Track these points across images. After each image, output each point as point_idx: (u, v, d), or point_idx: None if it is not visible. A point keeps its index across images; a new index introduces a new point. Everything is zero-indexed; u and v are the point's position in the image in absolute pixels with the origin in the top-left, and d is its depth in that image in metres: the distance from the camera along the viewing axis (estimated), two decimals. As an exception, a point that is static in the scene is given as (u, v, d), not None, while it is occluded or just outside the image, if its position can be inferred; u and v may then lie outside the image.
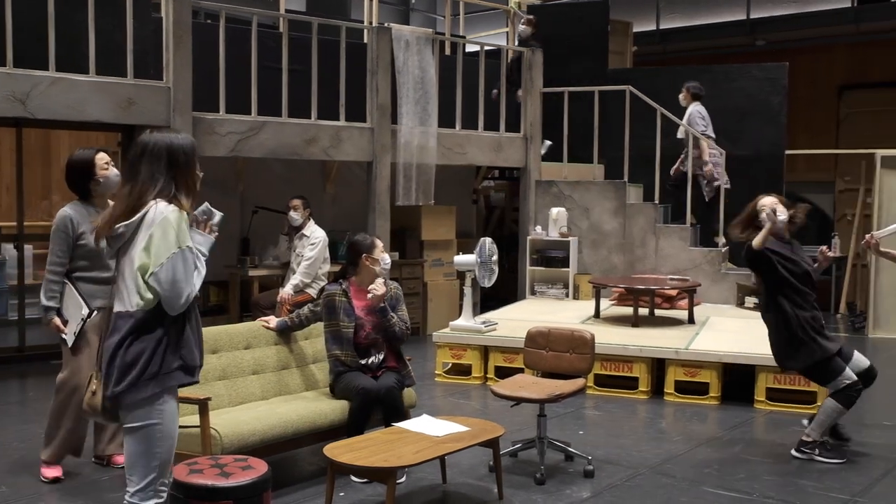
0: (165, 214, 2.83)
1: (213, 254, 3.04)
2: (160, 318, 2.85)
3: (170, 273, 2.80)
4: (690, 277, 8.48)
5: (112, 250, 2.95)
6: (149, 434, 2.85)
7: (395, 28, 8.48)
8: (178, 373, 2.89)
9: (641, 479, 4.69)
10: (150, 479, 2.86)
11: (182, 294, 2.82)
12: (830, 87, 13.51)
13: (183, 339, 2.91)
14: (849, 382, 4.92)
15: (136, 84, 6.67)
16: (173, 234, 2.82)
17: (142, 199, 2.87)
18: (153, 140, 2.95)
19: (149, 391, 2.82)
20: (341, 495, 4.35)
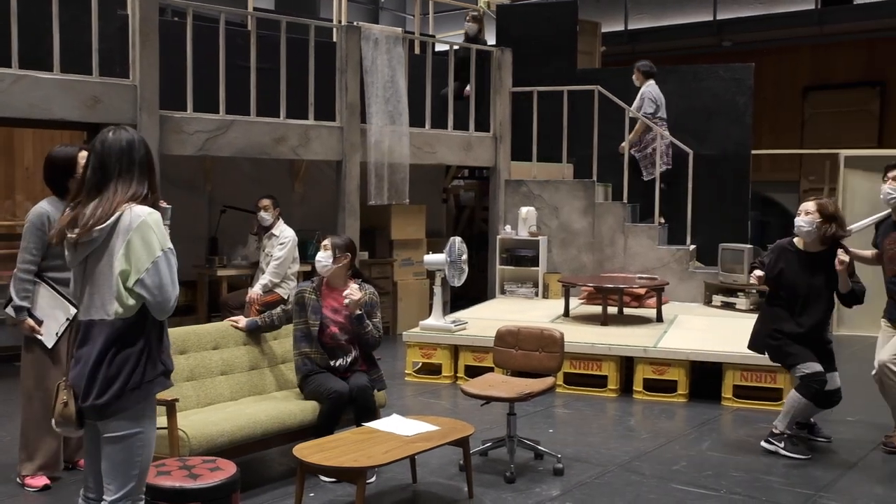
0: (143, 218, 2.75)
1: (181, 254, 2.99)
2: (140, 326, 2.78)
3: (156, 278, 2.73)
4: (658, 276, 8.56)
5: (79, 256, 2.83)
6: (131, 443, 2.79)
7: (364, 27, 8.46)
8: (161, 379, 2.84)
9: (610, 476, 4.72)
10: (130, 489, 2.81)
11: (170, 298, 2.76)
12: (795, 87, 13.73)
13: (162, 345, 2.86)
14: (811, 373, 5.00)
15: (101, 82, 6.59)
16: (154, 237, 2.75)
17: (116, 203, 2.78)
18: (121, 139, 2.87)
19: (133, 402, 2.76)
20: (311, 496, 4.33)
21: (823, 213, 5.02)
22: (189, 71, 7.07)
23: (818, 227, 5.02)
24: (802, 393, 5.04)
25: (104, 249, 2.79)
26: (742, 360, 6.11)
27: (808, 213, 5.04)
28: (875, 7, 12.14)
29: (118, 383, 2.73)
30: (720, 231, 9.11)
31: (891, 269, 5.16)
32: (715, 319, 7.76)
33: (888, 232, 5.22)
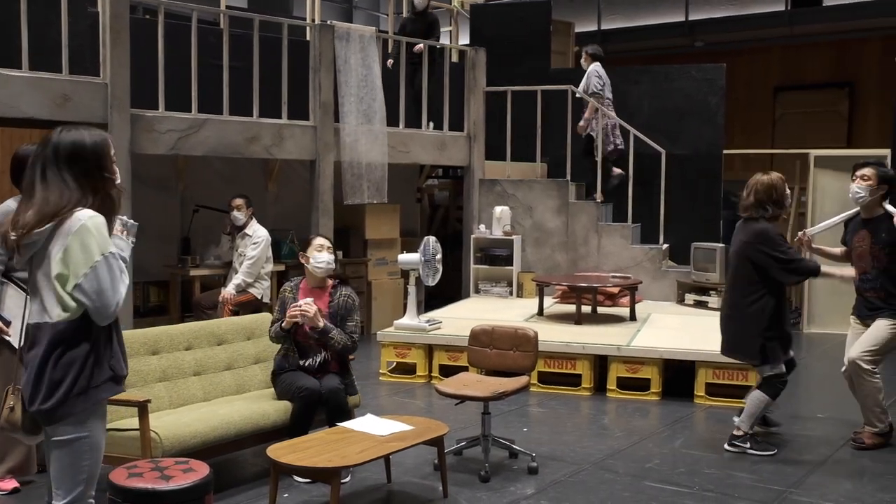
0: (83, 221, 2.68)
1: (153, 254, 2.95)
2: (86, 329, 2.72)
3: (94, 283, 2.67)
4: (632, 275, 8.61)
5: (23, 258, 2.78)
6: (77, 448, 2.74)
7: (337, 26, 8.43)
8: (109, 384, 2.77)
9: (585, 474, 4.75)
10: (78, 493, 2.77)
11: (111, 303, 2.70)
12: (766, 88, 13.87)
13: (111, 350, 2.79)
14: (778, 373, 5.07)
15: (71, 80, 6.50)
16: (93, 241, 2.68)
17: (57, 208, 2.70)
18: (66, 139, 2.77)
19: (78, 407, 2.70)
20: (285, 496, 4.31)
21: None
22: (161, 69, 7.00)
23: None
24: (767, 392, 5.10)
25: (45, 252, 2.73)
26: (714, 358, 6.15)
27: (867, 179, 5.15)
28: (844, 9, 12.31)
29: (63, 388, 2.68)
30: (693, 230, 9.19)
31: (860, 266, 5.24)
32: (688, 318, 7.82)
33: (857, 230, 5.29)
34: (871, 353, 5.11)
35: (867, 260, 5.21)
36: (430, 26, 9.52)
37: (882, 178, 5.14)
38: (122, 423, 4.12)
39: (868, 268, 5.20)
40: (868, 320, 5.22)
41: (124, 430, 4.07)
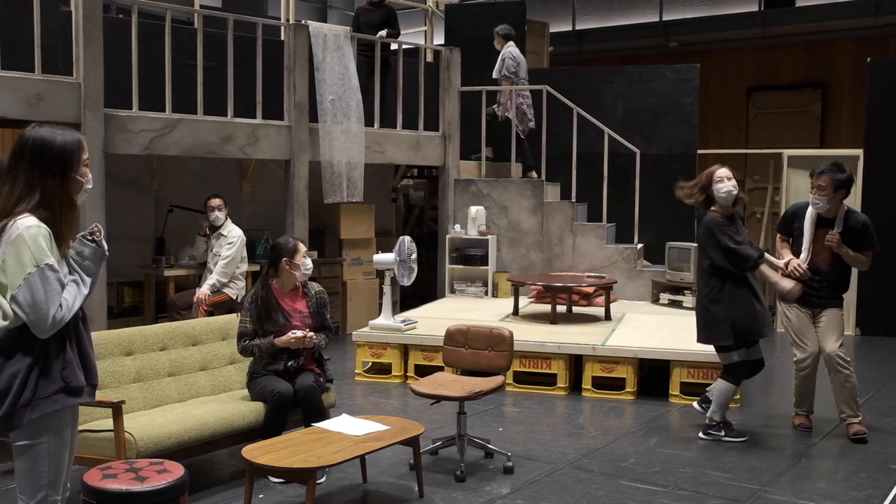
0: (20, 231, 2.62)
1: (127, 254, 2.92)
2: (30, 339, 2.66)
3: (28, 295, 2.60)
4: (607, 275, 8.67)
5: None
6: (35, 454, 2.72)
7: (312, 25, 8.41)
8: (59, 396, 2.70)
9: (560, 474, 4.77)
10: (40, 498, 2.75)
11: (46, 316, 2.61)
12: (740, 88, 13.99)
13: (63, 359, 2.72)
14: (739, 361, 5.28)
15: (44, 79, 6.44)
16: (27, 252, 2.60)
17: (8, 209, 2.65)
18: (31, 137, 2.71)
19: (24, 418, 2.65)
20: (260, 497, 4.31)
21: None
22: (134, 69, 6.95)
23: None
24: (729, 380, 5.29)
25: None
26: (689, 357, 6.22)
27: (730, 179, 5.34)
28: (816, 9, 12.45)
29: (8, 400, 2.64)
30: (667, 230, 9.27)
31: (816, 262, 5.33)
32: (662, 317, 7.88)
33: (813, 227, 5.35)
34: (841, 343, 5.26)
35: (825, 257, 5.33)
36: (386, 18, 9.26)
37: (838, 184, 5.24)
38: (97, 425, 4.09)
39: (825, 265, 5.33)
40: (816, 309, 5.38)
41: (98, 431, 4.05)
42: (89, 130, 6.52)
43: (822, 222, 5.36)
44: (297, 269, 4.78)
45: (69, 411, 2.78)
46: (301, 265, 4.79)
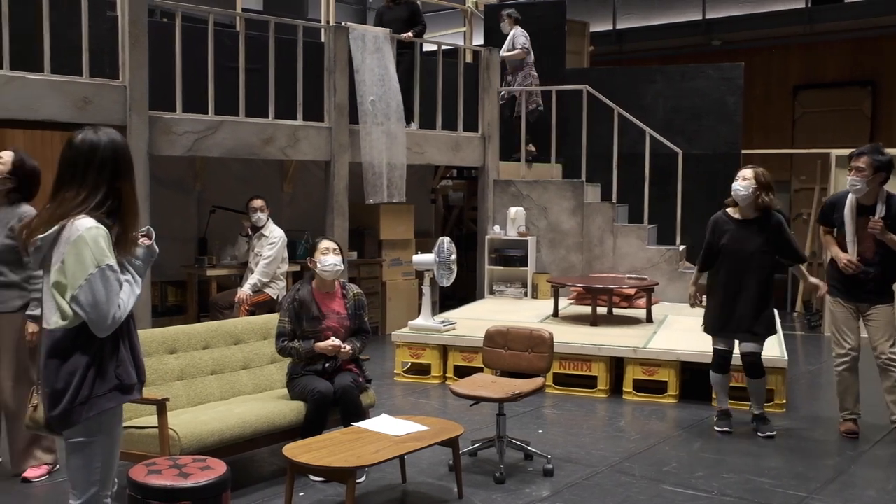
0: (80, 232, 2.65)
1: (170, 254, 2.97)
2: (87, 338, 2.70)
3: (90, 296, 2.64)
4: (648, 276, 8.58)
5: (35, 262, 2.79)
6: (88, 451, 2.76)
7: (352, 27, 8.45)
8: (114, 394, 2.75)
9: (601, 477, 4.73)
10: (92, 494, 2.79)
11: (107, 316, 2.66)
12: (785, 86, 13.76)
13: (117, 358, 2.77)
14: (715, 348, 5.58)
15: (91, 83, 6.56)
16: (89, 253, 2.64)
17: (63, 210, 2.70)
18: (84, 142, 2.76)
19: (81, 416, 2.70)
20: (301, 495, 4.33)
21: (759, 180, 5.30)
22: (178, 72, 7.05)
23: (753, 192, 5.30)
24: (713, 368, 5.54)
25: (49, 258, 2.73)
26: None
27: (746, 179, 5.31)
28: (865, 5, 12.19)
29: (66, 398, 2.69)
30: (710, 231, 9.12)
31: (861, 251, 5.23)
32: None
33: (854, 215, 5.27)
34: (893, 343, 5.15)
35: (869, 245, 5.21)
36: (412, 14, 9.16)
37: (877, 166, 5.13)
38: (141, 421, 4.15)
39: (870, 254, 5.22)
40: (863, 304, 5.31)
41: (143, 427, 4.11)
42: (134, 132, 6.62)
43: (863, 210, 5.25)
44: (314, 265, 4.79)
45: (120, 409, 2.84)
46: (318, 262, 4.79)
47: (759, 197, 5.30)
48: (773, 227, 5.34)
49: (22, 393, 4.32)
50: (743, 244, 5.34)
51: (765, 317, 5.37)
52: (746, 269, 5.35)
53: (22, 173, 4.40)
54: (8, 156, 4.41)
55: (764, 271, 5.36)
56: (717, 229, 5.50)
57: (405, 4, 9.18)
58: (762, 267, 5.35)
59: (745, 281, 5.35)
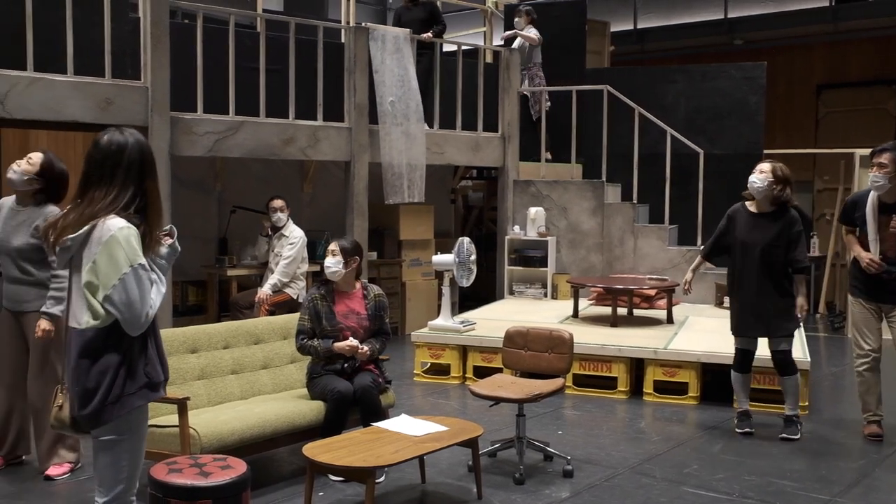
0: (112, 232, 2.67)
1: (191, 254, 2.98)
2: (117, 337, 2.72)
3: (123, 295, 2.66)
4: (669, 277, 8.53)
5: (61, 261, 2.81)
6: (116, 449, 2.79)
7: (371, 27, 8.46)
8: (143, 391, 2.78)
9: (621, 479, 4.70)
10: (119, 491, 2.81)
11: (140, 315, 2.69)
12: (809, 86, 13.63)
13: (146, 356, 2.80)
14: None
15: (114, 84, 6.61)
16: (122, 252, 2.67)
17: (93, 210, 2.72)
18: (111, 143, 2.78)
19: (113, 414, 2.73)
20: (320, 495, 4.34)
21: (776, 174, 5.27)
22: (199, 72, 7.09)
23: (769, 186, 5.27)
24: (734, 367, 5.53)
25: (79, 258, 2.75)
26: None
27: (763, 172, 5.28)
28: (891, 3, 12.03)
29: (98, 397, 2.71)
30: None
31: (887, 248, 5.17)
32: (726, 321, 7.66)
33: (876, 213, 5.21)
34: None
35: (892, 244, 5.17)
36: (430, 15, 9.15)
37: None
38: (162, 420, 4.18)
39: (893, 253, 5.18)
40: (886, 305, 5.25)
41: (164, 426, 4.13)
42: (156, 133, 6.67)
43: (885, 209, 5.19)
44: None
45: (146, 407, 2.86)
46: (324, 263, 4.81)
47: (775, 191, 5.24)
48: (786, 221, 5.29)
49: (47, 391, 4.36)
50: (754, 236, 5.30)
51: (787, 313, 5.31)
52: (759, 262, 5.29)
53: (50, 175, 4.44)
54: (37, 157, 4.45)
55: (779, 266, 5.30)
56: (731, 219, 5.50)
57: (424, 5, 9.18)
58: (775, 262, 5.28)
59: (761, 276, 5.29)
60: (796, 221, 5.32)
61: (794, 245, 5.29)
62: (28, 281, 4.39)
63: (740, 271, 5.41)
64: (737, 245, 5.41)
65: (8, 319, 4.50)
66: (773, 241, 5.27)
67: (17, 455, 4.68)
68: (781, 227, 5.28)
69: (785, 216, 5.31)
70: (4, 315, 4.51)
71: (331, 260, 4.78)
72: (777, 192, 5.26)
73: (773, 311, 5.30)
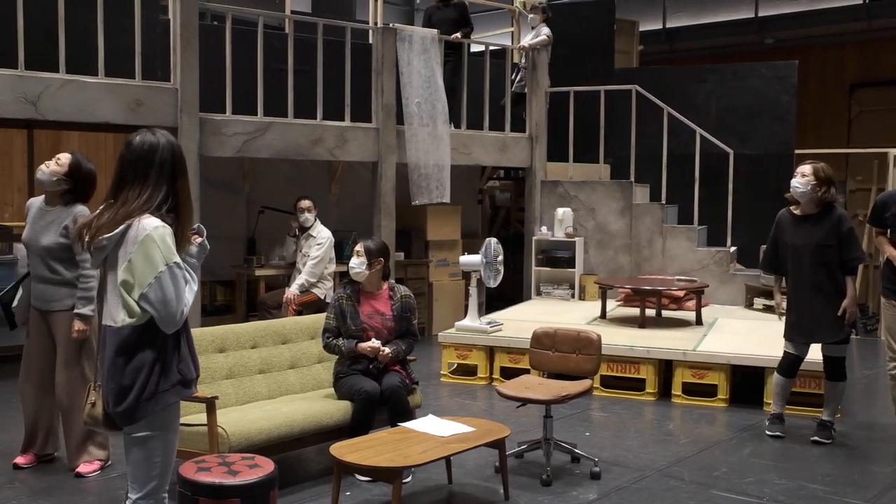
0: (148, 231, 2.71)
1: (220, 254, 3.00)
2: (152, 335, 2.76)
3: (159, 293, 2.70)
4: (698, 278, 8.45)
5: (96, 261, 2.84)
6: (150, 446, 2.81)
7: (399, 28, 8.47)
8: (177, 388, 2.82)
9: (649, 481, 4.67)
10: (152, 488, 2.84)
11: (176, 312, 2.73)
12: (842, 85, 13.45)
13: (180, 354, 2.84)
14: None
15: (144, 85, 6.68)
16: (157, 251, 2.70)
17: (127, 210, 2.75)
18: (143, 143, 2.82)
19: (147, 411, 2.76)
20: (347, 494, 4.35)
21: (818, 176, 5.18)
22: (228, 74, 7.14)
23: (812, 189, 5.18)
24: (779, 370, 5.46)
25: (114, 257, 2.78)
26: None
27: (805, 176, 5.20)
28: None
29: (132, 394, 2.74)
30: (762, 232, 8.90)
31: None
32: (756, 323, 7.63)
33: None
34: None
35: None
36: (461, 15, 9.13)
37: None
38: (192, 419, 4.20)
39: None
40: None
41: (193, 425, 4.16)
42: (185, 134, 6.72)
43: None
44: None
45: (179, 404, 2.89)
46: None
47: (818, 193, 5.17)
48: (833, 220, 5.19)
49: (74, 389, 4.41)
50: (803, 238, 5.21)
51: (843, 317, 5.19)
52: (809, 264, 5.19)
53: (78, 176, 4.49)
54: (65, 158, 4.51)
55: (831, 267, 5.19)
56: (779, 225, 5.41)
57: (455, 6, 9.18)
58: (827, 262, 5.18)
59: (813, 278, 5.19)
60: (845, 219, 5.20)
61: (847, 244, 5.18)
62: (56, 280, 4.44)
63: (794, 276, 5.30)
64: (788, 249, 5.31)
65: (36, 318, 4.56)
66: (822, 242, 5.17)
67: (48, 452, 4.74)
68: (829, 227, 5.18)
69: (831, 215, 5.20)
70: (33, 314, 4.57)
71: (355, 260, 4.79)
72: (822, 194, 5.17)
73: (829, 314, 5.18)
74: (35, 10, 6.35)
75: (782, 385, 5.45)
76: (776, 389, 5.49)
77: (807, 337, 5.30)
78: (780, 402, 5.49)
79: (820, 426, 5.37)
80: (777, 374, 5.46)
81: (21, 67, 6.18)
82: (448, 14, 9.13)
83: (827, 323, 5.19)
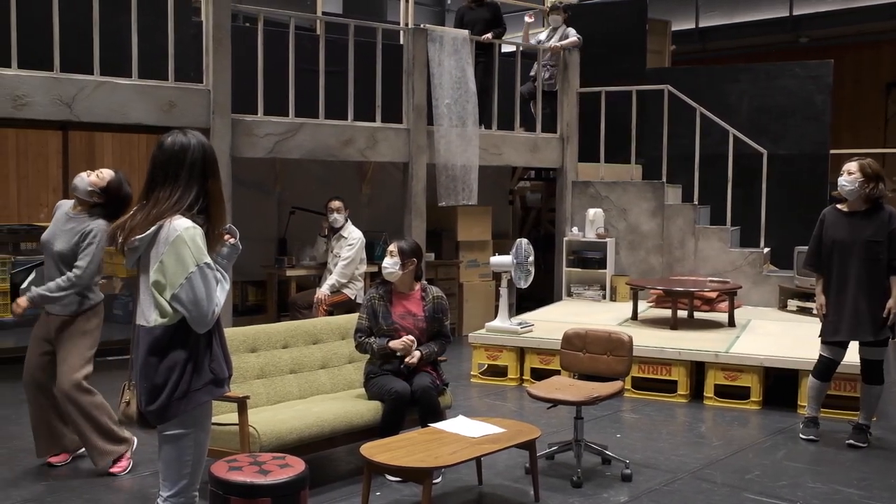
0: (179, 232, 2.73)
1: (251, 254, 3.02)
2: (184, 335, 2.79)
3: (191, 293, 2.73)
4: (731, 280, 8.36)
5: (129, 261, 2.87)
6: (182, 444, 2.84)
7: (430, 29, 8.48)
8: (209, 387, 2.84)
9: (680, 483, 4.62)
10: (182, 486, 2.87)
11: (207, 312, 2.76)
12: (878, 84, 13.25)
13: (212, 353, 2.86)
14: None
15: (177, 87, 6.75)
16: (188, 252, 2.73)
17: (159, 211, 2.77)
18: (175, 144, 2.84)
19: (179, 409, 2.79)
20: (377, 494, 4.35)
21: (865, 172, 5.09)
22: (260, 75, 7.19)
23: (861, 186, 5.08)
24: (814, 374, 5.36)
25: (147, 258, 2.81)
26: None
27: (851, 174, 5.12)
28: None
29: (165, 393, 2.76)
30: (796, 233, 8.83)
31: None
32: (790, 324, 7.54)
33: None
34: None
35: None
36: (494, 16, 9.10)
37: None
38: (223, 418, 4.24)
39: None
40: None
41: (225, 424, 4.19)
42: (217, 135, 6.78)
43: None
44: None
45: (211, 403, 2.91)
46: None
47: (867, 189, 5.07)
48: (882, 217, 5.09)
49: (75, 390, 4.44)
50: (850, 234, 5.12)
51: (886, 318, 5.09)
52: (855, 261, 5.09)
53: (114, 195, 4.53)
54: (107, 174, 4.56)
55: (877, 265, 5.07)
56: (824, 221, 5.31)
57: (488, 5, 9.17)
58: (873, 260, 5.07)
59: (858, 276, 5.09)
60: (895, 217, 5.10)
61: (895, 243, 5.07)
62: None
63: (838, 273, 5.18)
64: (831, 246, 5.20)
65: (44, 320, 4.61)
66: (871, 238, 5.07)
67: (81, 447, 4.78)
68: (879, 223, 5.08)
69: (882, 213, 5.11)
70: (42, 317, 4.62)
71: (389, 261, 4.80)
72: (870, 190, 5.08)
73: (871, 315, 5.08)
74: (70, 12, 6.44)
75: (817, 389, 5.36)
76: (811, 393, 5.40)
77: (848, 334, 5.17)
78: (814, 406, 5.41)
79: (856, 429, 5.29)
80: (812, 378, 5.38)
81: (56, 70, 6.27)
82: (481, 14, 9.12)
83: (870, 321, 5.08)
